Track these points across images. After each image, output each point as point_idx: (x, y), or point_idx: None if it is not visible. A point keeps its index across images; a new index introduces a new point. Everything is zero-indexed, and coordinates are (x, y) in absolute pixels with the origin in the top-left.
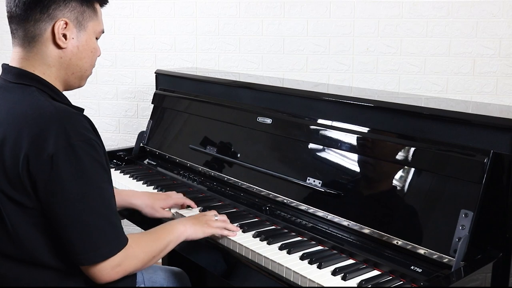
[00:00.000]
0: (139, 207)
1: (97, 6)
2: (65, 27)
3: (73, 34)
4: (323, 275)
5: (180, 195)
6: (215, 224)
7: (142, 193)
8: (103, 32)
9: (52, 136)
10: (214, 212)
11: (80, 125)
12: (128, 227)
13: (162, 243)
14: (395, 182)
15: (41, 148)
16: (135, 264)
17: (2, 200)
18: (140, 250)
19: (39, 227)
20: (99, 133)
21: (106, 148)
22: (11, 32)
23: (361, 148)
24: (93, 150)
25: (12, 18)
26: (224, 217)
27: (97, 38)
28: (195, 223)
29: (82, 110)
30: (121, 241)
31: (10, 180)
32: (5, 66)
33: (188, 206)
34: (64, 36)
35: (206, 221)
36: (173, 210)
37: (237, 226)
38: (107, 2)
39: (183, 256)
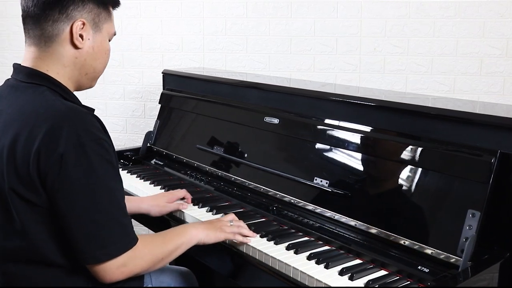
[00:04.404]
0: (146, 210)
1: (111, 8)
2: (82, 28)
3: (89, 35)
4: (330, 275)
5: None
6: (229, 229)
7: (146, 197)
8: (115, 34)
9: (63, 135)
10: (231, 217)
11: (90, 124)
12: (136, 227)
13: (172, 245)
14: (402, 182)
15: (52, 146)
16: (141, 265)
17: (13, 198)
18: (147, 251)
19: (48, 225)
20: None
21: None
22: (25, 31)
23: (368, 148)
24: (103, 149)
25: (28, 18)
26: (241, 222)
27: (109, 40)
28: (208, 227)
29: (93, 110)
30: (129, 241)
31: (20, 178)
32: (16, 66)
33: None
34: (81, 36)
35: (220, 226)
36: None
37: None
38: (119, 4)
39: (190, 256)
